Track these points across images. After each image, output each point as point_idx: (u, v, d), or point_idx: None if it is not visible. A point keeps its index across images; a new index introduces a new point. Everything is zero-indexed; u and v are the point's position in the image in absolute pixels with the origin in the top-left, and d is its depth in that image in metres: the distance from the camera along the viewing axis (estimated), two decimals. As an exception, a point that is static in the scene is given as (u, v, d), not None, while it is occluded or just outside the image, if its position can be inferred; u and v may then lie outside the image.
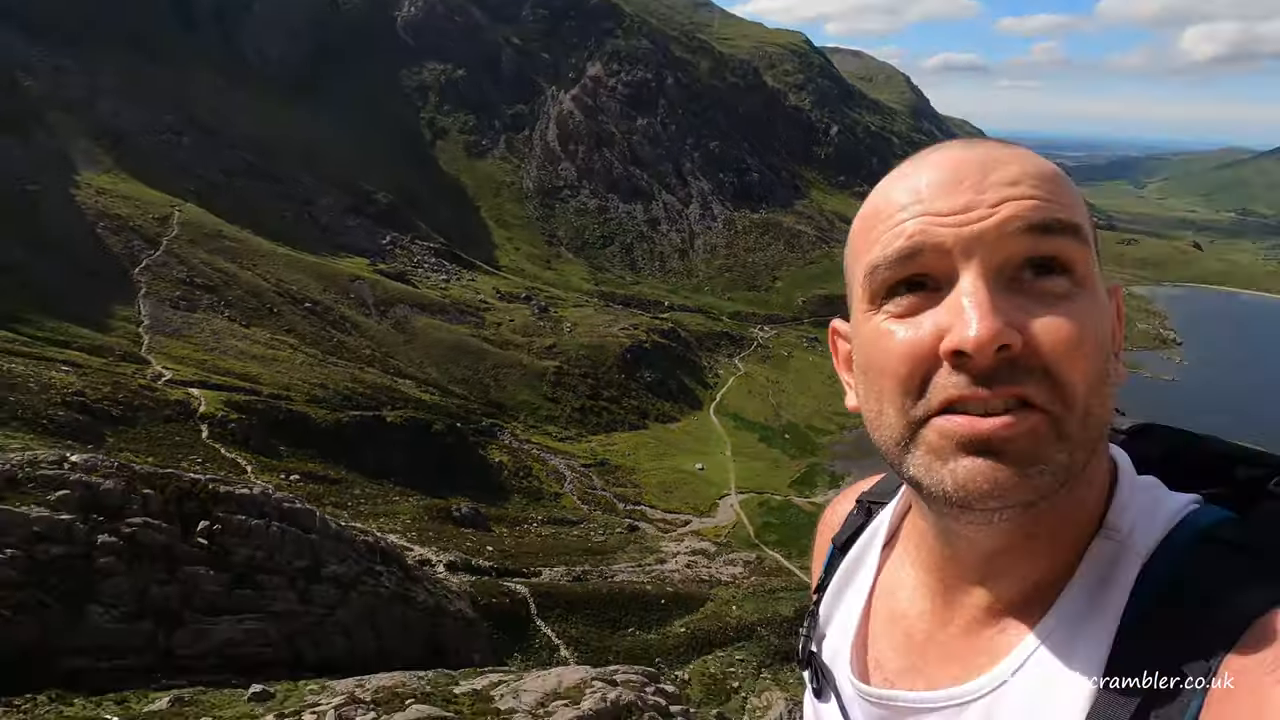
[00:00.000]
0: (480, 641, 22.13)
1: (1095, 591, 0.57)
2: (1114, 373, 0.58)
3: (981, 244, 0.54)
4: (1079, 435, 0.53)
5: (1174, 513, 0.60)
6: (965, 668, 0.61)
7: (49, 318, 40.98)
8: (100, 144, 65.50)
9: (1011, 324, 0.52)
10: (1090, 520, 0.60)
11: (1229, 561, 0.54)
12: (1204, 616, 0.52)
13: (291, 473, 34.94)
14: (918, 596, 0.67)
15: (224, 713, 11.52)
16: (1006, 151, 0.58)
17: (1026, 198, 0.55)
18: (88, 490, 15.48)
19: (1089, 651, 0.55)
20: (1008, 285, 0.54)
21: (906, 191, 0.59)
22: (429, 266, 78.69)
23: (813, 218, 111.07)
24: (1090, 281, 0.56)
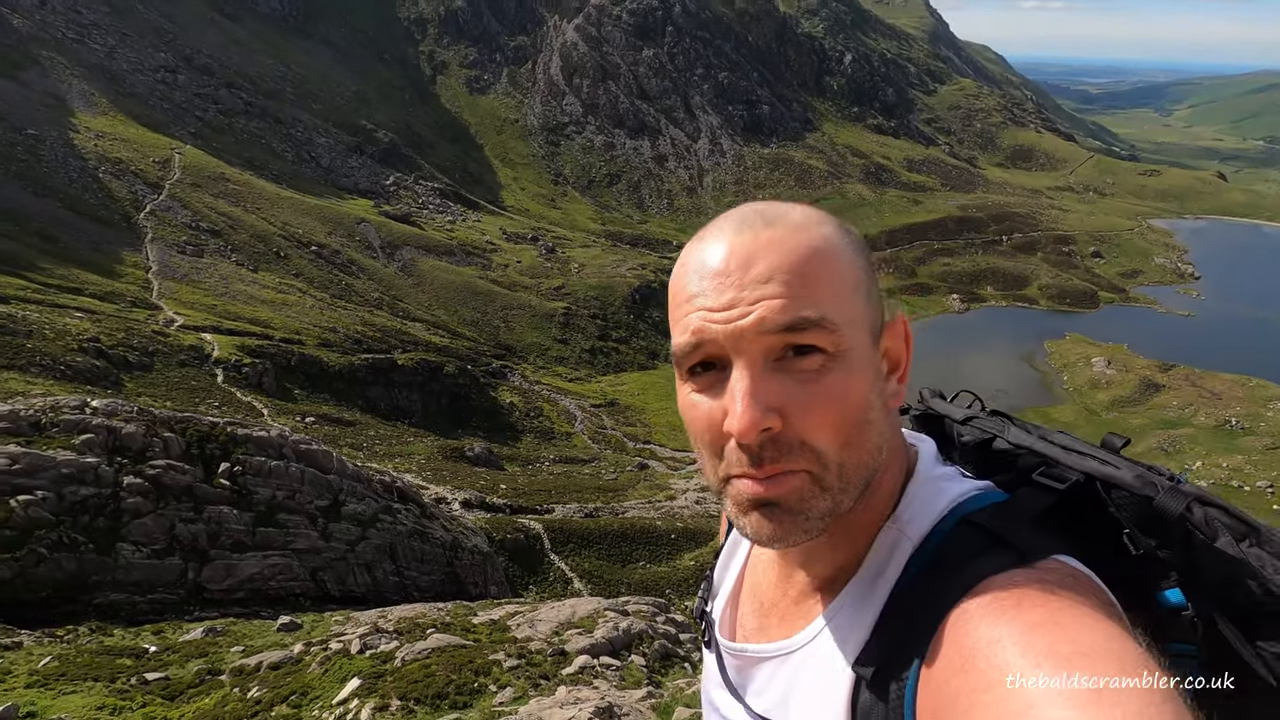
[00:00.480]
0: (496, 575, 22.94)
1: (878, 572, 0.71)
2: (879, 410, 0.68)
3: (743, 339, 0.64)
4: (836, 485, 0.66)
5: (950, 500, 0.72)
6: (790, 629, 0.77)
7: (58, 264, 41.06)
8: (94, 84, 64.04)
9: (771, 407, 0.64)
10: (881, 515, 0.73)
11: (971, 542, 0.67)
12: (940, 586, 0.65)
13: (307, 415, 35.56)
14: (770, 570, 0.83)
15: (255, 642, 12.12)
16: (768, 236, 0.66)
17: (776, 297, 0.64)
18: (110, 434, 15.87)
19: (863, 619, 0.69)
20: (773, 367, 0.65)
21: (693, 278, 0.68)
22: (434, 207, 77.73)
23: (824, 152, 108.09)
24: (844, 351, 0.65)
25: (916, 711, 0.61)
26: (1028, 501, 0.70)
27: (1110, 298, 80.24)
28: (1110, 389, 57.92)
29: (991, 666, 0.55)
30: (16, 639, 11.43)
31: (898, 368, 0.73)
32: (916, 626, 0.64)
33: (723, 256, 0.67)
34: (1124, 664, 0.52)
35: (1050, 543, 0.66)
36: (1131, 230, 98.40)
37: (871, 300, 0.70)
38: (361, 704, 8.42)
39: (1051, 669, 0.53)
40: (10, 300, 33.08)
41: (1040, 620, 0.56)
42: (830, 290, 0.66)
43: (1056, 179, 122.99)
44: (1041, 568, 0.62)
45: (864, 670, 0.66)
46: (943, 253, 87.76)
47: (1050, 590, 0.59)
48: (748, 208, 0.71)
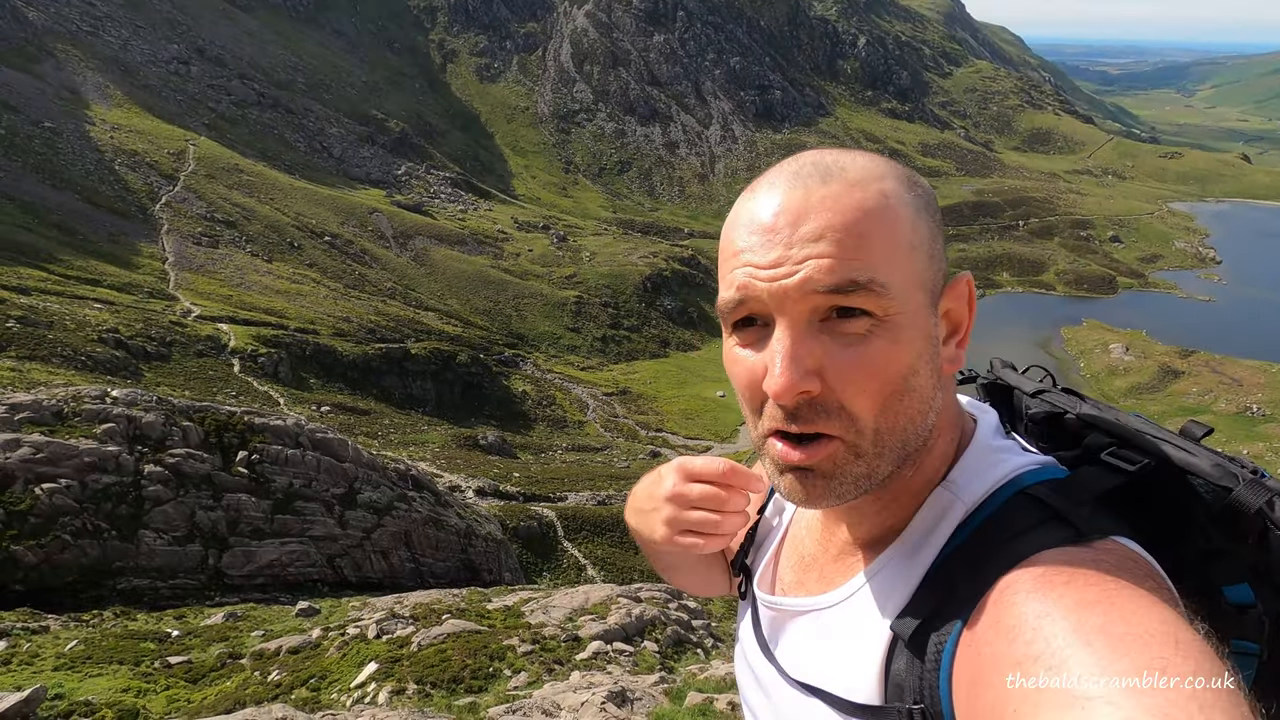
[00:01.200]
0: (510, 562, 23.15)
1: (926, 533, 0.70)
2: (927, 376, 0.67)
3: (788, 299, 0.63)
4: (871, 451, 0.66)
5: (1009, 471, 0.70)
6: (828, 585, 0.76)
7: (77, 255, 41.59)
8: (109, 77, 64.51)
9: (811, 370, 0.63)
10: (931, 481, 0.72)
11: (1028, 513, 0.65)
12: (989, 554, 0.63)
13: (322, 404, 35.93)
14: (814, 527, 0.83)
15: (274, 626, 12.33)
16: (822, 193, 0.65)
17: (825, 256, 0.62)
18: (131, 423, 16.13)
19: (905, 580, 0.68)
20: (816, 328, 0.64)
21: (742, 232, 0.67)
22: (445, 197, 77.83)
23: (837, 137, 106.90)
24: (892, 316, 0.64)
25: (954, 674, 0.60)
26: (1092, 480, 0.67)
27: (1129, 283, 79.06)
28: (1128, 375, 57.22)
29: (1039, 638, 0.54)
30: (44, 623, 11.71)
31: (958, 330, 0.71)
32: (961, 591, 0.63)
33: (774, 211, 0.65)
34: (1180, 648, 0.50)
35: (1111, 523, 0.64)
36: (1151, 214, 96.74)
37: (934, 259, 0.68)
38: (379, 687, 8.56)
39: (1103, 648, 0.51)
40: (31, 292, 33.59)
41: (1093, 599, 0.55)
42: (884, 251, 0.64)
43: (1075, 162, 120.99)
44: (1099, 547, 0.60)
45: (902, 628, 0.65)
46: (957, 239, 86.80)
47: (1106, 570, 0.58)
48: (806, 158, 0.70)
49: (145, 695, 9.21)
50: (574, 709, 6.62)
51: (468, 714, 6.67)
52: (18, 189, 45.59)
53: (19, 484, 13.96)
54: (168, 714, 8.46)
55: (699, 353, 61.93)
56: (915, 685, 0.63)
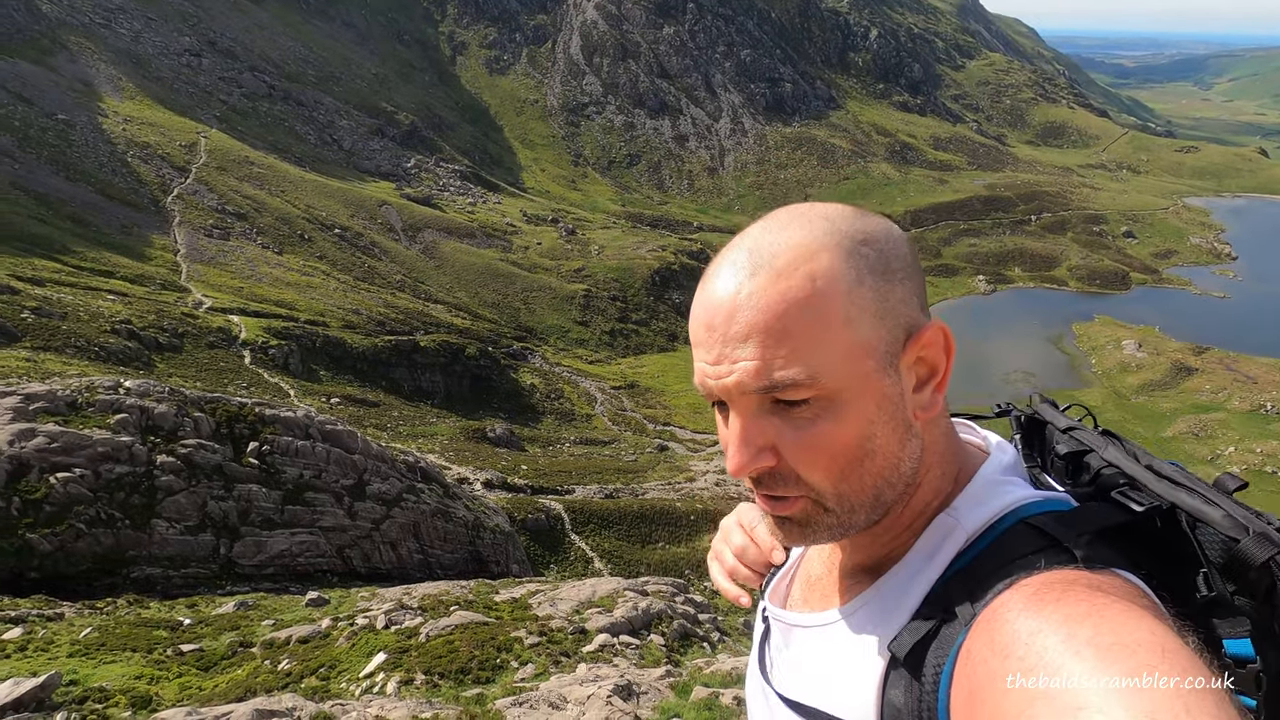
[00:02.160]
0: (518, 554, 23.26)
1: (926, 557, 0.72)
2: (886, 436, 0.69)
3: (731, 393, 0.68)
4: (840, 508, 0.70)
5: (1012, 501, 0.72)
6: (829, 604, 0.80)
7: (90, 247, 41.95)
8: (121, 69, 64.86)
9: (764, 447, 0.68)
10: (922, 513, 0.75)
11: (1027, 541, 0.67)
12: (987, 577, 0.65)
13: (332, 396, 36.15)
14: (822, 549, 0.87)
15: (285, 616, 12.45)
16: (750, 289, 0.67)
17: (751, 359, 0.66)
18: (143, 414, 16.29)
19: (904, 602, 0.71)
20: (767, 409, 0.68)
21: (696, 325, 0.71)
22: (454, 189, 77.92)
23: (848, 130, 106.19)
24: (831, 394, 0.66)
25: (951, 694, 0.61)
26: (1096, 514, 0.69)
27: (1142, 279, 78.28)
28: (1140, 372, 56.72)
29: (1031, 653, 0.55)
30: (58, 610, 11.87)
31: (933, 376, 0.72)
32: (959, 613, 0.64)
33: (712, 309, 0.69)
34: (1167, 655, 0.51)
35: (1111, 555, 0.65)
36: (1166, 209, 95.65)
37: (884, 319, 0.68)
38: (387, 677, 8.63)
39: (1092, 657, 0.52)
40: (46, 283, 33.92)
41: (1083, 613, 0.56)
42: (810, 340, 0.65)
43: (1088, 156, 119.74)
44: (1095, 573, 0.62)
45: (899, 649, 0.67)
46: (969, 233, 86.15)
47: (1097, 588, 0.59)
48: (748, 239, 0.71)
49: (158, 682, 9.33)
50: (580, 701, 6.65)
51: (475, 705, 6.72)
52: (32, 181, 45.99)
53: (34, 473, 14.14)
54: (180, 701, 8.57)
55: (707, 347, 61.72)
56: (914, 707, 0.64)
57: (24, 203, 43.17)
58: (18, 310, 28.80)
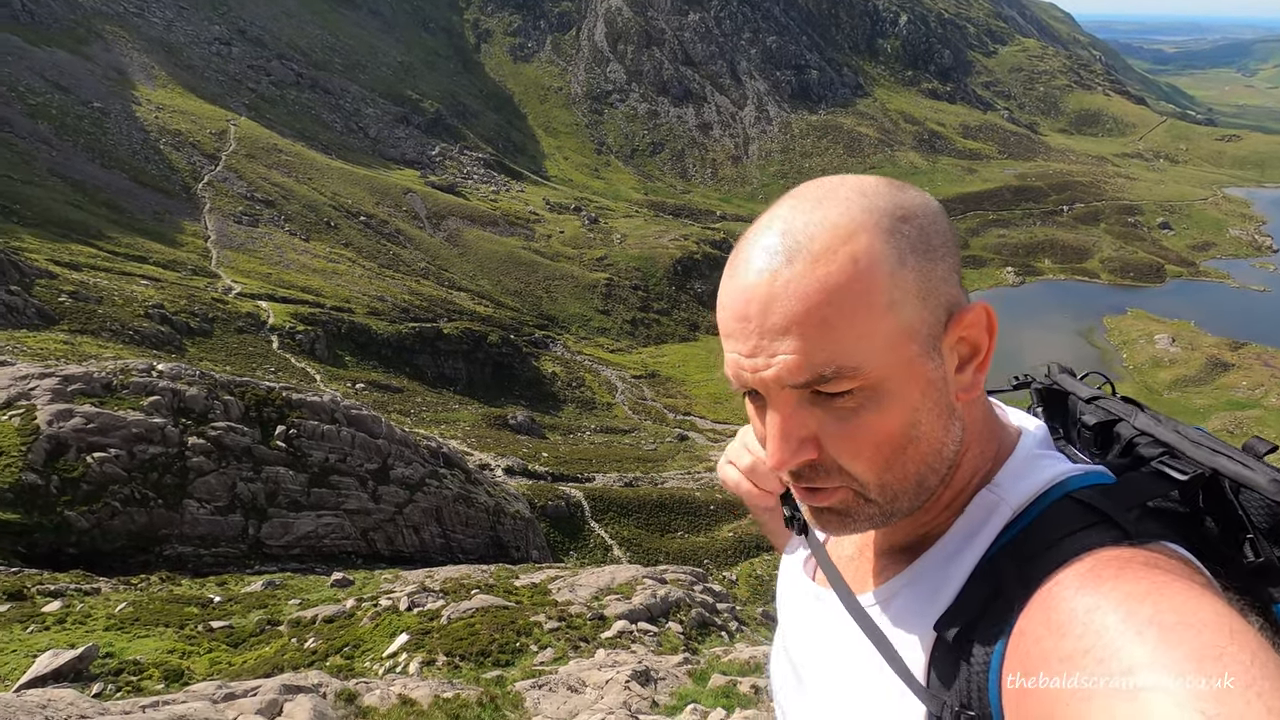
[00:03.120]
0: (538, 540, 23.49)
1: (969, 535, 0.70)
2: (931, 421, 0.67)
3: (770, 387, 0.66)
4: (882, 498, 0.68)
5: (1056, 475, 0.70)
6: (863, 587, 0.77)
7: (124, 233, 42.90)
8: (154, 57, 65.96)
9: (805, 439, 0.66)
10: (962, 491, 0.72)
11: (1075, 516, 0.65)
12: (1036, 554, 0.63)
13: (357, 381, 36.68)
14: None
15: (311, 596, 12.73)
16: (786, 277, 0.63)
17: (791, 353, 0.63)
18: (175, 396, 16.68)
19: (947, 582, 0.69)
20: (807, 400, 0.66)
21: (726, 315, 0.68)
22: (478, 177, 78.23)
23: (875, 118, 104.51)
24: (875, 383, 0.64)
25: (1003, 675, 0.59)
26: (1141, 486, 0.67)
27: (1178, 271, 76.22)
28: (1174, 367, 55.38)
29: (1089, 632, 0.53)
30: (95, 585, 12.26)
31: (975, 356, 0.70)
32: (1007, 591, 0.63)
33: (745, 299, 0.66)
34: (1235, 637, 0.49)
35: (1159, 529, 0.64)
36: (1205, 200, 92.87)
37: (927, 300, 0.66)
38: (410, 658, 8.80)
39: (1155, 638, 0.50)
40: (82, 268, 34.78)
41: (1144, 591, 0.54)
42: (853, 328, 0.63)
43: (1124, 145, 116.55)
44: (1147, 549, 0.60)
45: (947, 631, 0.65)
46: (998, 223, 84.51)
47: (1155, 566, 0.57)
48: (778, 223, 0.67)
49: (189, 657, 9.60)
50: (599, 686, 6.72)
51: (495, 687, 6.82)
52: (69, 168, 47.08)
53: (72, 452, 14.57)
54: (210, 675, 8.82)
55: (729, 337, 61.47)
56: (962, 688, 0.63)
57: (61, 189, 44.24)
58: (56, 294, 29.59)
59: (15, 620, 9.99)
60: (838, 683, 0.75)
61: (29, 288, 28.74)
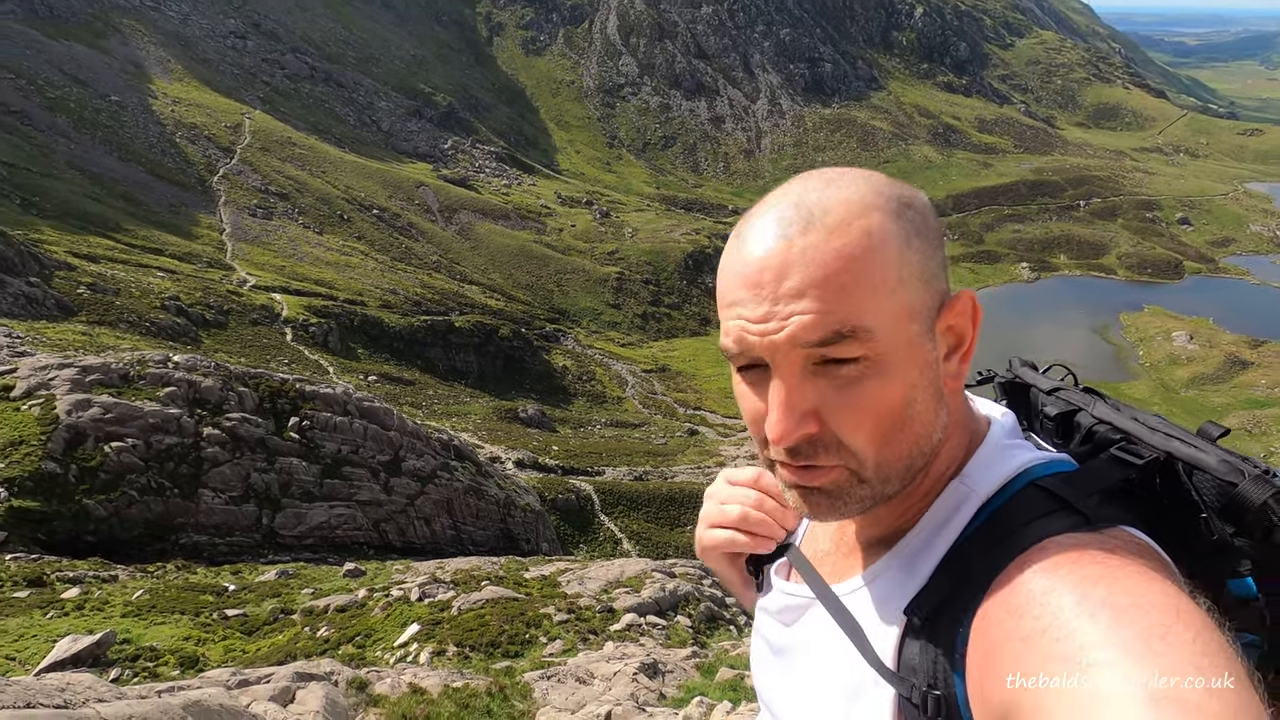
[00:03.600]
0: (548, 533, 23.60)
1: (939, 525, 0.72)
2: (925, 401, 0.69)
3: (779, 352, 0.66)
4: (875, 477, 0.69)
5: (1020, 465, 0.72)
6: (840, 577, 0.79)
7: (141, 225, 43.36)
8: (170, 51, 66.48)
9: (807, 412, 0.66)
10: (938, 482, 0.74)
11: (1038, 503, 0.67)
12: (1000, 541, 0.66)
13: (369, 373, 36.94)
14: (828, 524, 0.86)
15: (323, 585, 12.87)
16: (805, 243, 0.65)
17: (807, 313, 0.64)
18: (191, 387, 16.87)
19: (919, 569, 0.71)
20: (810, 372, 0.67)
21: (734, 283, 0.69)
22: (490, 171, 78.36)
23: (889, 112, 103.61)
24: (882, 355, 0.66)
25: (967, 655, 0.62)
26: (1100, 473, 0.70)
27: (1196, 268, 75.16)
28: (1191, 365, 54.68)
29: (1046, 613, 0.56)
30: (113, 572, 12.46)
31: (960, 345, 0.72)
32: (974, 577, 0.65)
33: (759, 266, 0.67)
34: (1181, 616, 0.52)
35: (1118, 514, 0.66)
36: (1225, 195, 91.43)
37: (928, 283, 0.69)
38: (421, 648, 8.88)
39: (1107, 618, 0.53)
40: (100, 260, 35.21)
41: (1097, 575, 0.57)
42: (867, 296, 0.65)
43: (1143, 139, 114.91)
44: (1105, 534, 0.63)
45: (916, 615, 0.68)
46: (1013, 218, 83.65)
47: (1112, 550, 0.60)
48: (791, 195, 0.70)
49: (204, 644, 9.75)
50: (607, 678, 6.76)
51: (505, 677, 6.88)
52: (87, 160, 47.61)
53: (90, 441, 14.79)
54: (225, 662, 8.95)
55: (740, 332, 61.36)
56: (929, 669, 0.65)
57: (79, 182, 44.76)
58: (75, 286, 29.98)
59: (35, 606, 10.18)
60: (815, 669, 0.77)
61: (48, 279, 29.14)
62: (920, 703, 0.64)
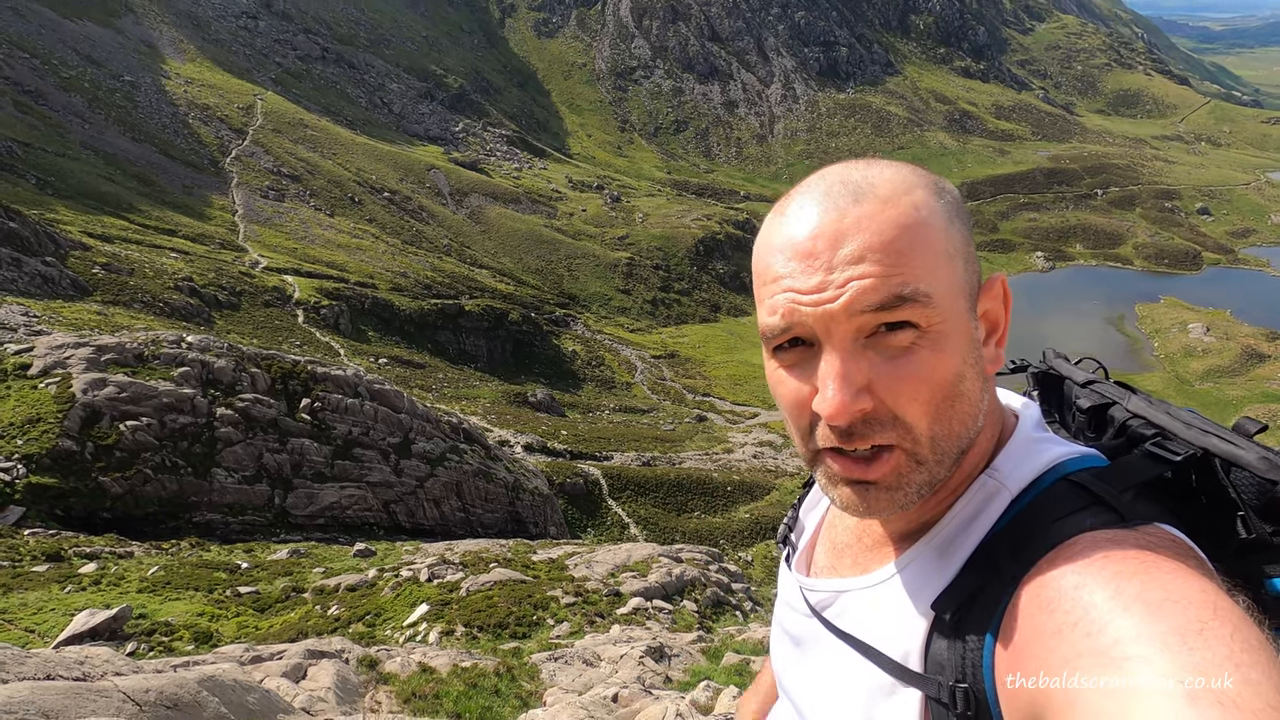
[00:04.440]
0: (556, 516, 23.76)
1: (969, 519, 0.71)
2: (973, 379, 0.67)
3: (833, 322, 0.64)
4: (932, 458, 0.66)
5: (1052, 459, 0.71)
6: (862, 570, 0.78)
7: (155, 206, 43.59)
8: (182, 31, 66.45)
9: (863, 388, 0.64)
10: (969, 475, 0.73)
11: (1070, 499, 0.66)
12: (1031, 536, 0.65)
13: (380, 356, 37.14)
14: (846, 517, 0.84)
15: (334, 565, 13.04)
16: (859, 212, 0.65)
17: (868, 276, 0.63)
18: (204, 368, 17.03)
19: (947, 565, 0.70)
20: (862, 344, 0.65)
21: (779, 257, 0.67)
22: (501, 154, 78.11)
23: (904, 97, 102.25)
24: (936, 325, 0.65)
25: (996, 651, 0.61)
26: (1135, 468, 0.69)
27: (1215, 259, 74.07)
28: (1206, 357, 54.05)
29: (1077, 607, 0.55)
30: (128, 549, 12.66)
31: (995, 330, 0.72)
32: (1004, 573, 0.64)
33: (811, 235, 0.66)
34: (1218, 613, 0.51)
35: (1153, 510, 0.65)
36: (1247, 184, 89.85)
37: (969, 263, 0.69)
38: (430, 627, 9.00)
39: (1140, 612, 0.52)
40: (114, 240, 35.46)
41: (1131, 570, 0.56)
42: (924, 263, 0.64)
43: (1164, 127, 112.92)
44: (1140, 530, 0.61)
45: (943, 610, 0.66)
46: (1029, 207, 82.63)
47: (1145, 547, 0.59)
48: (833, 175, 0.69)
49: (218, 620, 9.91)
50: (613, 660, 6.83)
51: (512, 658, 6.96)
52: (101, 141, 47.82)
53: (105, 420, 14.98)
54: (238, 638, 9.10)
55: (750, 318, 61.25)
56: (957, 664, 0.64)
57: (94, 162, 44.99)
58: (89, 266, 30.23)
59: (54, 580, 10.37)
60: (836, 664, 0.76)
61: (64, 259, 29.40)
62: (949, 699, 0.63)
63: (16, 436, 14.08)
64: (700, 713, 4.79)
